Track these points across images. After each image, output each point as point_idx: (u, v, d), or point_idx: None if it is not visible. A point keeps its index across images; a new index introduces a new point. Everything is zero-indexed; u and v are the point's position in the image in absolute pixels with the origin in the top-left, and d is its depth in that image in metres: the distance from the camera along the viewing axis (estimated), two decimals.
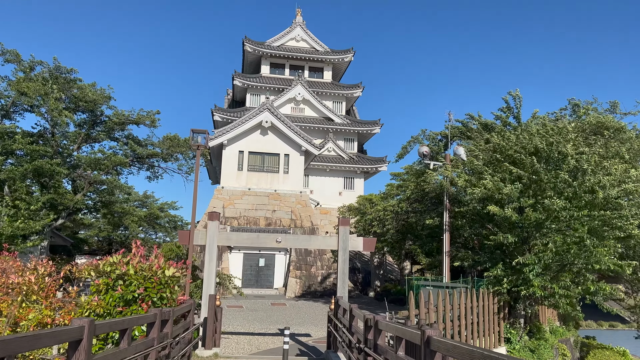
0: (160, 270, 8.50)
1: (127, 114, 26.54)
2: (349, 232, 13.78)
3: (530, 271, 18.26)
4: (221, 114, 46.25)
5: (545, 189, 18.81)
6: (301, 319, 23.28)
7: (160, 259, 8.61)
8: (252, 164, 38.02)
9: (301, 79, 48.81)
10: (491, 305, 18.94)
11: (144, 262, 8.67)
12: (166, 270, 8.59)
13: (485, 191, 18.18)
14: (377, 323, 6.75)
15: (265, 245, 13.29)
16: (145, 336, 6.61)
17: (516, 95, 21.06)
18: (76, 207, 24.80)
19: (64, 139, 25.75)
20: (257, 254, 35.20)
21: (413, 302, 13.95)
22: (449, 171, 20.07)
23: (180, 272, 8.89)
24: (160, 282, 8.48)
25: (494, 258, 20.67)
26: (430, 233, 23.13)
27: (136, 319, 5.83)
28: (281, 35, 52.88)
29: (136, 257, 8.67)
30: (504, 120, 21.40)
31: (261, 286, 34.78)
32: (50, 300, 8.73)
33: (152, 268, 8.49)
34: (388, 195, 29.28)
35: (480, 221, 21.65)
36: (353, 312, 9.30)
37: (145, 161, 29.17)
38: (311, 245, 13.59)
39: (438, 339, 4.24)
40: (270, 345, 16.99)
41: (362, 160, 48.57)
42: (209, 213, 13.62)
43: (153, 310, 6.45)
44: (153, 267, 8.49)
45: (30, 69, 23.84)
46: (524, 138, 19.14)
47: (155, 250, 9.07)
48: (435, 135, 25.31)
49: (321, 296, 32.86)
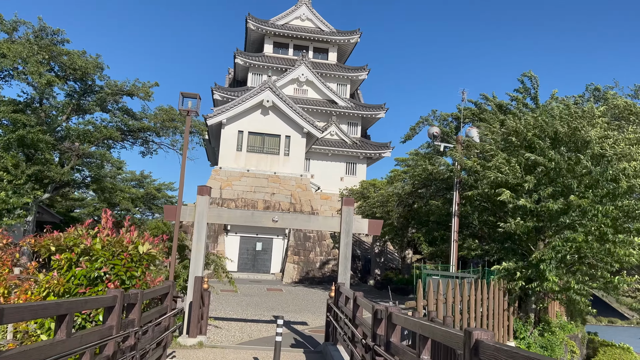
0: (132, 246, 7.19)
1: (120, 85, 25.03)
2: (353, 213, 12.46)
3: (546, 267, 16.98)
4: (221, 93, 44.73)
5: (565, 177, 17.47)
6: (298, 305, 22.11)
7: (133, 233, 7.31)
8: (252, 144, 36.58)
9: (305, 60, 47.18)
10: (501, 298, 17.70)
11: (113, 236, 7.37)
12: (140, 246, 7.29)
13: (501, 175, 16.82)
14: (391, 316, 5.43)
15: (261, 225, 11.97)
16: (102, 324, 5.32)
17: (531, 75, 19.58)
18: (63, 181, 23.42)
19: (52, 110, 24.30)
20: (255, 237, 33.97)
21: (421, 292, 12.67)
22: (459, 153, 18.67)
23: (158, 249, 7.60)
24: (132, 259, 7.18)
25: (505, 249, 19.38)
26: (437, 220, 21.79)
27: (80, 302, 4.52)
28: (286, 13, 51.11)
29: (105, 229, 7.36)
30: (521, 101, 19.93)
31: (258, 271, 33.60)
32: (4, 277, 7.43)
33: (122, 242, 7.18)
34: (393, 180, 27.89)
35: (491, 208, 20.32)
36: (358, 301, 7.99)
37: (138, 135, 27.67)
38: (311, 225, 12.27)
39: (493, 345, 2.91)
40: (263, 333, 15.77)
41: (366, 146, 47.13)
42: (199, 187, 12.30)
43: (112, 292, 5.16)
44: (123, 242, 7.17)
45: (13, 30, 22.28)
46: (543, 121, 17.72)
47: (132, 230, 7.75)
48: (447, 116, 23.84)
49: (319, 283, 31.69)
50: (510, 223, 17.31)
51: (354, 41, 50.86)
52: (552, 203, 16.90)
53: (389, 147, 46.95)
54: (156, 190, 50.55)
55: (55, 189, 24.28)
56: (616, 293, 18.91)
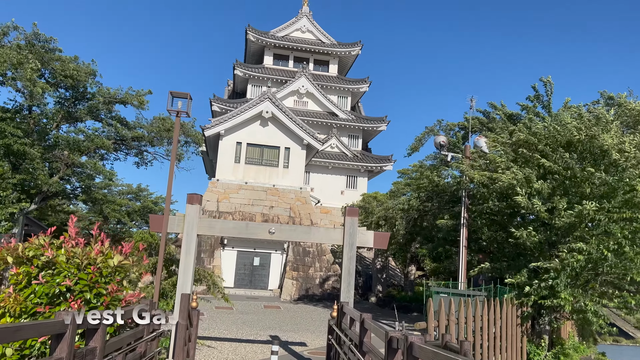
0: (102, 257, 6.11)
1: (112, 92, 24.04)
2: (357, 224, 11.38)
3: (554, 279, 15.90)
4: (220, 104, 43.90)
5: (580, 187, 16.46)
6: (296, 324, 20.90)
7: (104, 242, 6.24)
8: (250, 156, 35.58)
9: (305, 71, 46.47)
10: (515, 317, 16.54)
11: (82, 246, 6.30)
12: (110, 259, 6.21)
13: (514, 181, 15.78)
14: (412, 347, 4.34)
15: (257, 237, 10.89)
16: (50, 355, 4.22)
17: (547, 81, 18.66)
18: (51, 192, 22.31)
19: (43, 118, 23.29)
20: (252, 252, 32.80)
21: (432, 312, 11.52)
22: (464, 165, 17.66)
23: (133, 261, 6.52)
24: (101, 274, 6.10)
25: (516, 265, 18.26)
26: (444, 235, 20.69)
27: (10, 330, 3.42)
28: (286, 25, 50.57)
29: (71, 239, 6.29)
30: (532, 110, 18.98)
31: (255, 287, 32.34)
32: None
33: (89, 254, 6.10)
34: (396, 194, 26.81)
35: (500, 221, 19.23)
36: (366, 324, 6.88)
37: (132, 145, 26.61)
38: (311, 238, 11.18)
39: None
40: (258, 355, 14.58)
41: (367, 159, 46.17)
42: (189, 195, 11.24)
43: (60, 315, 4.09)
44: (91, 254, 6.10)
45: (4, 34, 21.38)
46: (554, 129, 16.76)
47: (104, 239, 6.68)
48: (453, 126, 22.84)
49: (319, 300, 30.42)
50: (522, 233, 16.26)
51: (355, 53, 50.25)
52: (566, 214, 15.89)
53: (390, 160, 46.00)
54: (153, 203, 49.50)
55: (42, 200, 23.18)
56: (631, 312, 17.77)
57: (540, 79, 18.93)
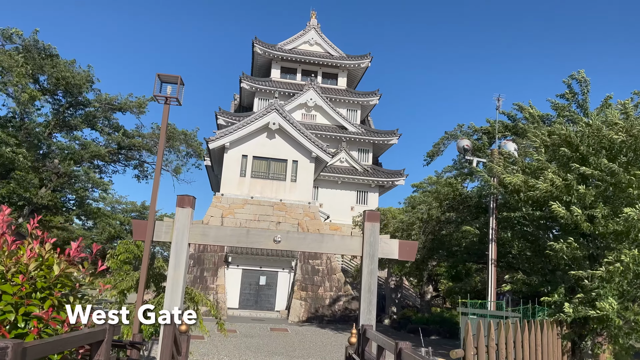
0: (36, 264, 4.34)
1: (110, 98, 22.58)
2: (378, 231, 9.56)
3: (598, 288, 14.00)
4: (226, 118, 42.48)
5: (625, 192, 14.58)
6: (305, 349, 18.91)
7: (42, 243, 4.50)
8: (257, 170, 33.88)
9: (314, 84, 45.11)
10: (555, 340, 14.51)
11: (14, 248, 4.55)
12: (54, 265, 4.46)
13: (551, 188, 13.94)
14: None
15: (259, 246, 9.10)
16: None
17: (582, 78, 16.89)
18: (41, 204, 20.69)
19: (36, 127, 21.83)
20: (258, 270, 30.91)
21: (471, 337, 9.58)
22: (500, 167, 15.79)
23: (84, 269, 4.76)
24: (35, 288, 4.34)
25: (553, 281, 16.26)
26: (468, 248, 18.71)
27: None
28: (294, 38, 49.43)
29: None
30: (567, 109, 17.17)
31: (261, 308, 30.32)
32: None
33: (19, 259, 4.32)
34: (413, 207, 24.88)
35: (533, 233, 17.29)
36: (404, 355, 5.02)
37: (131, 155, 25.04)
38: (323, 247, 9.36)
39: None
40: None
41: (378, 173, 44.38)
42: (179, 197, 9.52)
43: None
44: (22, 260, 4.31)
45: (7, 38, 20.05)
46: (597, 129, 14.95)
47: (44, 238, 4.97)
48: (476, 130, 21.05)
49: (330, 322, 28.32)
50: (561, 246, 14.35)
51: (364, 66, 48.92)
52: (613, 222, 14.01)
53: (402, 175, 44.19)
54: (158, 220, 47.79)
55: (31, 212, 21.57)
56: None
57: (572, 75, 17.15)
